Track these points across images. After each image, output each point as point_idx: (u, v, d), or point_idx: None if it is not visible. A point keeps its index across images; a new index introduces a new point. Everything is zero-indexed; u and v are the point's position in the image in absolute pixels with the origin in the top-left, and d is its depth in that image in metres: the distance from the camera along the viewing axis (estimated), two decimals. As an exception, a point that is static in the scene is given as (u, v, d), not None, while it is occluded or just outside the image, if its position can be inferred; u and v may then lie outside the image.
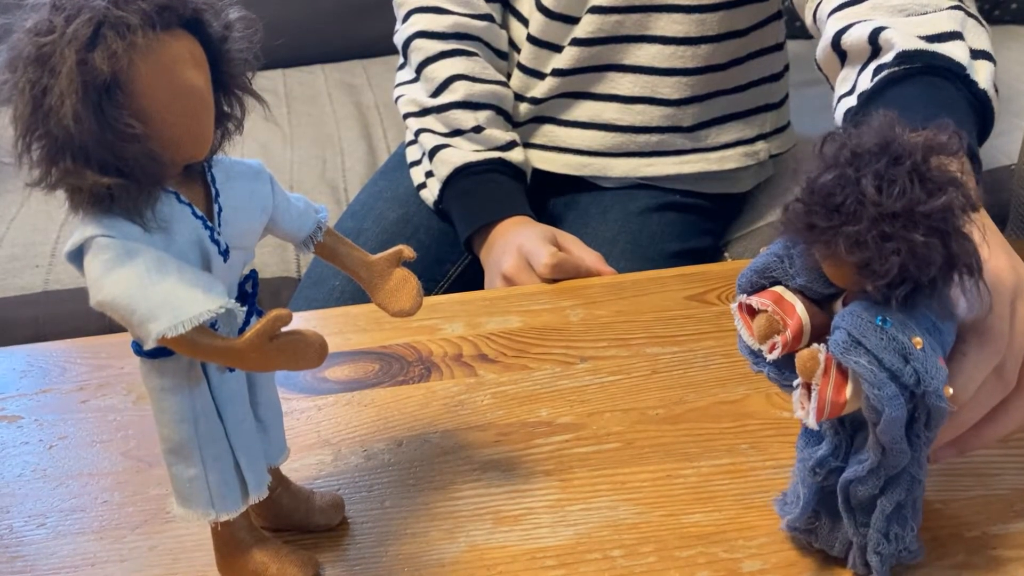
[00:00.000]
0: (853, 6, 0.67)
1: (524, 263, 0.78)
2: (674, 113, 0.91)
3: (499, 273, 0.80)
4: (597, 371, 0.61)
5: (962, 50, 0.61)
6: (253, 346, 0.37)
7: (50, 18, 0.35)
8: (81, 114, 0.34)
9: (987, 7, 1.45)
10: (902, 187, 0.34)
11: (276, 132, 1.42)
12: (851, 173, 0.35)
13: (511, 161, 0.90)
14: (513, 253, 0.79)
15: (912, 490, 0.40)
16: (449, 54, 0.91)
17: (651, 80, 0.90)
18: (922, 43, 0.61)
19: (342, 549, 0.48)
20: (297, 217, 0.45)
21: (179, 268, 0.37)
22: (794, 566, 0.45)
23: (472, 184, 0.89)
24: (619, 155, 0.93)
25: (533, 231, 0.82)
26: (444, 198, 0.91)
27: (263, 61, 0.41)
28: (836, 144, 0.36)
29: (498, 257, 0.82)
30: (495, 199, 0.88)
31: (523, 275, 0.77)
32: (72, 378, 0.64)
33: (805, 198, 0.36)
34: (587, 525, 0.48)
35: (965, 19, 0.63)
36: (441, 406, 0.59)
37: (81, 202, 0.37)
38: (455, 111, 0.90)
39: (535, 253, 0.76)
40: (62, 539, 0.50)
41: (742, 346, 0.43)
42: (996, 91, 0.63)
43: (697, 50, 0.88)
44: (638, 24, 0.88)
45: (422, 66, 0.92)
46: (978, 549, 0.45)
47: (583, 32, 0.89)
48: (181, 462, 0.42)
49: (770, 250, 0.41)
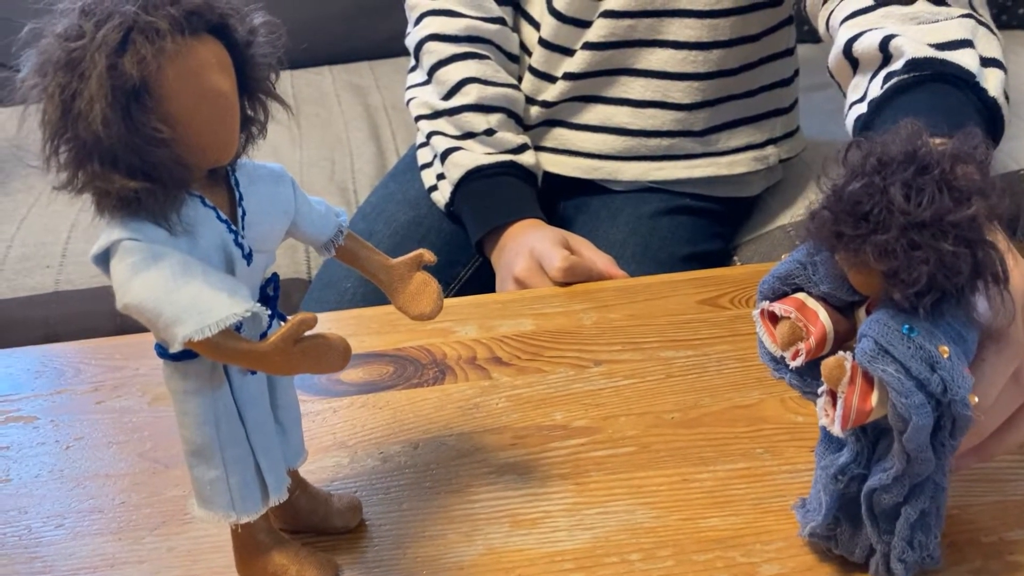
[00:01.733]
0: (865, 14, 0.67)
1: (536, 266, 0.78)
2: (685, 117, 0.91)
3: (511, 276, 0.80)
4: (611, 375, 0.61)
5: (972, 58, 0.61)
6: (278, 349, 0.37)
7: (80, 23, 0.35)
8: (110, 118, 0.34)
9: (995, 12, 1.45)
10: (930, 196, 0.34)
11: (285, 134, 1.43)
12: (879, 182, 0.35)
13: (522, 164, 0.90)
14: (525, 256, 0.80)
15: (936, 497, 0.41)
16: (461, 57, 0.91)
17: (663, 84, 0.90)
18: (932, 51, 0.61)
19: (360, 551, 0.48)
20: (318, 220, 0.46)
21: (204, 271, 0.37)
22: (812, 571, 0.45)
23: (484, 186, 0.89)
24: (630, 159, 0.93)
25: (545, 234, 0.82)
26: (456, 200, 0.91)
27: (286, 65, 0.41)
28: (862, 152, 0.36)
29: (510, 260, 0.82)
30: (506, 201, 0.88)
31: (535, 278, 0.78)
32: (87, 379, 0.65)
33: (832, 206, 0.36)
34: (604, 529, 0.49)
35: (976, 27, 0.63)
36: (456, 409, 0.59)
37: (108, 206, 0.37)
38: (467, 114, 0.90)
39: (547, 256, 0.76)
40: (80, 540, 0.50)
41: (763, 353, 0.43)
42: (1007, 98, 0.64)
43: (709, 55, 0.88)
44: (650, 28, 0.88)
45: (434, 69, 0.92)
46: (995, 554, 0.45)
47: (595, 36, 0.89)
48: (203, 464, 0.42)
49: (792, 257, 0.41)
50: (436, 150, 0.93)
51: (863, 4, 0.68)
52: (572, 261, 0.74)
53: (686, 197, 0.94)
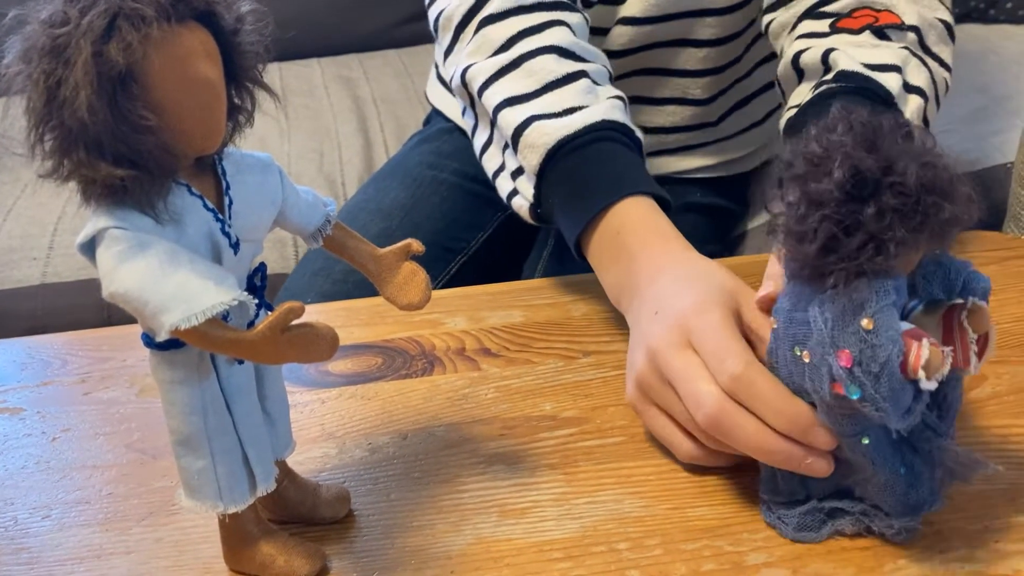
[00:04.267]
0: (818, 38, 0.72)
1: (689, 360, 0.48)
2: (704, 111, 0.92)
3: (648, 360, 0.51)
4: (600, 366, 0.61)
5: (896, 81, 0.67)
6: (265, 338, 0.37)
7: (64, 10, 0.35)
8: (95, 106, 0.34)
9: (983, 6, 1.46)
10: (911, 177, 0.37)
11: (273, 125, 1.42)
12: (870, 207, 0.38)
13: (631, 128, 0.67)
14: (676, 332, 0.49)
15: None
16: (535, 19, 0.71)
17: (683, 82, 0.89)
18: (862, 68, 0.67)
19: (348, 541, 0.48)
20: (306, 210, 0.45)
21: (191, 260, 0.37)
22: (799, 558, 0.45)
23: (580, 159, 0.64)
24: (649, 155, 0.93)
25: (711, 293, 0.51)
26: (543, 191, 0.65)
27: (273, 54, 0.41)
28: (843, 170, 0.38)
29: (653, 322, 0.52)
30: (618, 179, 0.63)
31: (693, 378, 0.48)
32: (74, 370, 0.64)
33: (873, 255, 0.39)
34: (593, 518, 0.49)
35: (909, 57, 0.69)
36: (445, 400, 0.59)
37: (93, 194, 0.37)
38: (544, 57, 0.68)
39: (722, 351, 0.47)
40: (67, 531, 0.50)
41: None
42: (927, 126, 0.69)
43: (727, 48, 0.88)
44: (674, 31, 0.87)
45: (483, 24, 0.71)
46: (981, 542, 0.46)
47: (615, 44, 0.87)
48: (190, 454, 0.42)
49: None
50: (505, 134, 0.67)
51: (818, 30, 0.73)
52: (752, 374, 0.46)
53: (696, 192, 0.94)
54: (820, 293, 0.41)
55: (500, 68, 0.69)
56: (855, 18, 0.71)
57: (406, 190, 0.94)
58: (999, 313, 0.64)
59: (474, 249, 0.92)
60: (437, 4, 0.75)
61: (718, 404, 0.45)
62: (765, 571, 0.45)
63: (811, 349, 0.42)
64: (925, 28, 0.71)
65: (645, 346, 0.50)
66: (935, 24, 0.72)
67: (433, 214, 0.91)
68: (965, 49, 1.36)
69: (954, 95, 1.20)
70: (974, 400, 0.56)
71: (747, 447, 0.45)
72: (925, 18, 0.71)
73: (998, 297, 0.65)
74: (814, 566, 0.45)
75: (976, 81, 1.24)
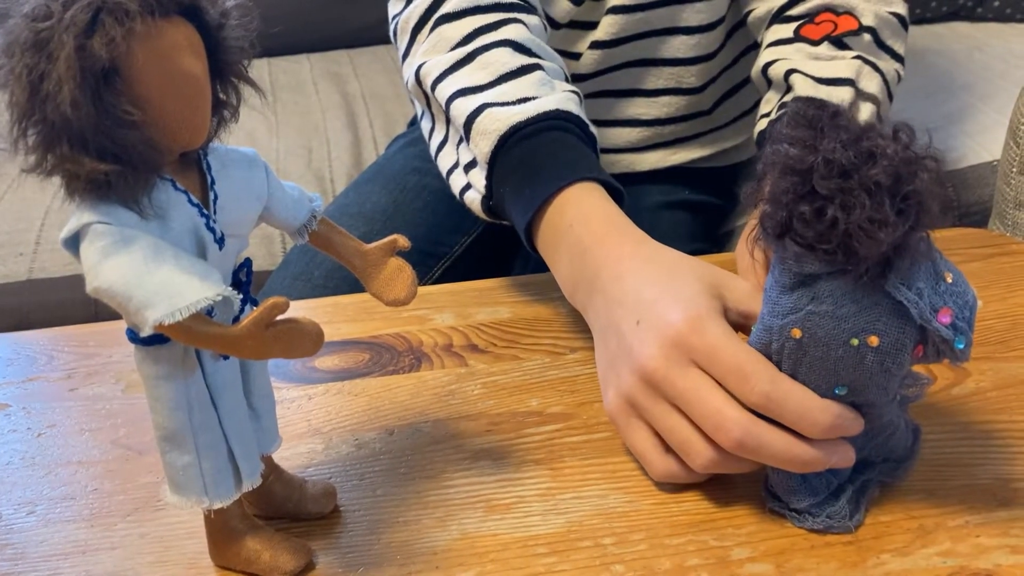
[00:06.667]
0: (783, 45, 0.77)
1: (689, 373, 0.46)
2: (698, 100, 0.91)
3: (631, 372, 0.49)
4: (587, 362, 0.61)
5: (848, 94, 0.72)
6: (250, 333, 0.37)
7: (47, 4, 0.35)
8: (79, 100, 0.34)
9: (971, 3, 1.47)
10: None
11: (262, 121, 1.42)
12: (864, 199, 0.39)
13: (584, 120, 0.65)
14: (658, 329, 0.48)
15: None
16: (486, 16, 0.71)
17: (676, 71, 0.89)
18: (817, 88, 0.72)
19: (334, 537, 0.48)
20: (292, 206, 0.45)
21: (176, 255, 0.37)
22: (783, 553, 0.46)
23: (531, 147, 0.62)
24: (646, 149, 0.93)
25: (693, 285, 0.50)
26: (494, 181, 0.63)
27: (259, 49, 0.41)
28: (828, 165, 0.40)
29: (646, 319, 0.49)
30: (569, 167, 0.61)
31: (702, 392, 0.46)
32: (60, 366, 0.64)
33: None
34: (578, 513, 0.49)
35: (862, 67, 0.73)
36: (432, 396, 0.59)
37: (77, 189, 0.37)
38: (498, 50, 0.67)
39: (741, 369, 0.45)
40: (52, 527, 0.50)
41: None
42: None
43: (718, 32, 0.88)
44: (665, 17, 0.86)
45: (439, 24, 0.72)
46: (962, 537, 0.46)
47: (603, 35, 0.86)
48: (175, 450, 0.42)
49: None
50: (457, 125, 0.66)
51: (783, 36, 0.78)
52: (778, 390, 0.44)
53: (684, 189, 0.94)
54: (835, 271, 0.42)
55: (454, 63, 0.68)
56: (817, 24, 0.77)
57: (389, 195, 0.93)
58: (983, 310, 0.64)
59: (457, 253, 0.92)
60: (393, 10, 0.78)
61: (743, 427, 0.44)
62: (749, 566, 0.45)
63: (881, 332, 0.41)
64: (881, 26, 0.76)
65: (635, 363, 0.48)
66: (890, 20, 0.77)
67: (415, 219, 0.91)
68: (951, 47, 1.36)
69: (940, 93, 1.21)
70: (957, 396, 0.56)
71: (777, 461, 0.45)
72: (880, 15, 0.76)
73: (982, 294, 0.65)
74: (797, 561, 0.45)
75: (962, 79, 1.24)
